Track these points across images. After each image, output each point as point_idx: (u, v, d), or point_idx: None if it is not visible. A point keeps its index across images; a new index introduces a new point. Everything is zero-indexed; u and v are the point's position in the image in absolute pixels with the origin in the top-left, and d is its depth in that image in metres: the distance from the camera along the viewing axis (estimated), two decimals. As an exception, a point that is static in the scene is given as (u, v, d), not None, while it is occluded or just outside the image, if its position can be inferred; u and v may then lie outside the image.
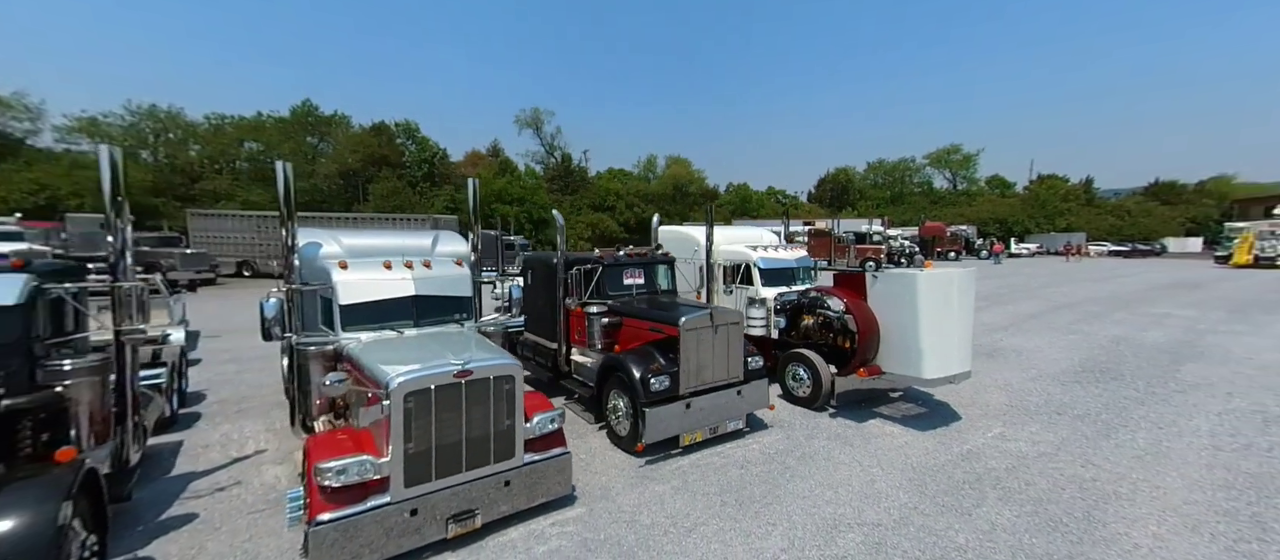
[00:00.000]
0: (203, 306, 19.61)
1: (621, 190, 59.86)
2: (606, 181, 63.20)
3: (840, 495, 5.75)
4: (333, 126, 51.53)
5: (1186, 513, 5.52)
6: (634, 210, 57.14)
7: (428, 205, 46.48)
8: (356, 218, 30.89)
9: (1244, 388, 9.85)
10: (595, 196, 58.02)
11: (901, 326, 7.37)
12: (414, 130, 53.65)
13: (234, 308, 20.17)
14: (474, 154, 61.99)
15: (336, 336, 5.95)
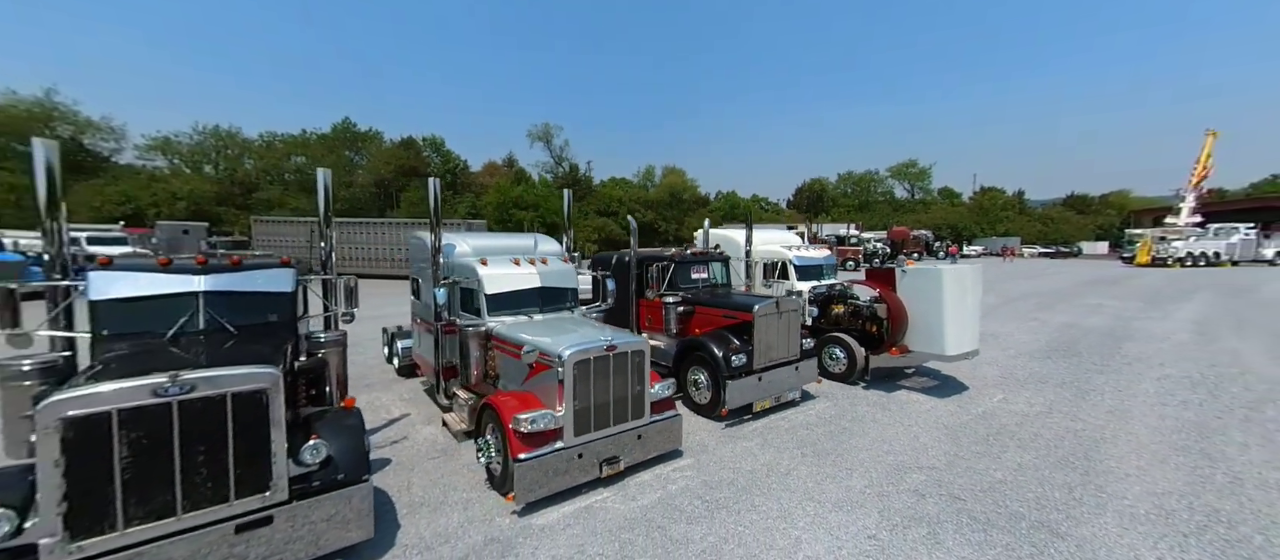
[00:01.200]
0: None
1: (624, 197, 60.12)
2: (610, 189, 63.40)
3: (895, 447, 6.34)
4: (367, 141, 51.18)
5: (1154, 451, 6.26)
6: (636, 215, 57.44)
7: (451, 211, 46.41)
8: (391, 223, 30.83)
9: (1171, 360, 10.74)
10: (601, 203, 58.23)
11: (927, 313, 7.97)
12: (439, 144, 53.51)
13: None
14: (491, 165, 61.81)
15: (485, 320, 6.39)
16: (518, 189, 49.38)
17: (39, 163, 4.34)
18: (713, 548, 4.26)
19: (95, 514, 3.05)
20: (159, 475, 3.21)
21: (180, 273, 4.65)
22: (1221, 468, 5.83)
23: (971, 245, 62.34)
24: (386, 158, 47.38)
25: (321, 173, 6.09)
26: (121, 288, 4.34)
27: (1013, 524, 4.68)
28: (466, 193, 51.56)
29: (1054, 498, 5.18)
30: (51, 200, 4.41)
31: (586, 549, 4.23)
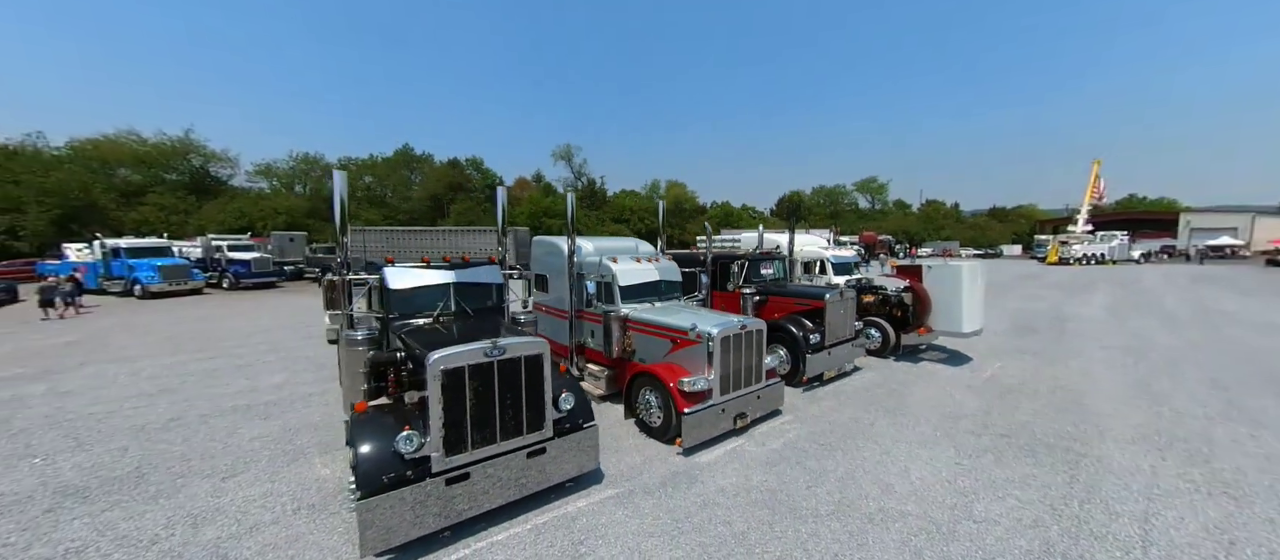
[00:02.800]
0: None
1: (634, 206, 60.40)
2: (622, 199, 63.65)
3: (939, 401, 6.92)
4: (422, 162, 51.20)
5: (1120, 398, 6.97)
6: (644, 222, 57.73)
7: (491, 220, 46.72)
8: (444, 231, 31.24)
9: (1103, 335, 11.50)
10: (614, 211, 58.51)
11: (948, 299, 8.58)
12: (479, 163, 53.54)
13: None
14: (521, 180, 61.86)
15: (618, 307, 6.87)
16: (547, 200, 49.60)
17: (337, 189, 4.76)
18: (849, 474, 4.81)
19: (457, 438, 3.56)
20: (487, 413, 3.73)
21: (438, 269, 5.10)
22: (1165, 407, 6.61)
23: (922, 248, 63.43)
24: (438, 176, 47.52)
25: (500, 191, 6.49)
26: (407, 280, 4.79)
27: (1048, 450, 5.28)
28: (503, 205, 51.58)
29: (1068, 431, 5.81)
30: (343, 220, 4.79)
31: (751, 478, 4.75)
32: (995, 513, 4.13)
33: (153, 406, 6.79)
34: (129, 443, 5.58)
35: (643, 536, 3.77)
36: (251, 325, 13.31)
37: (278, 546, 3.65)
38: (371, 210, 40.57)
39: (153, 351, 10.14)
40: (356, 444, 3.37)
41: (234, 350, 10.26)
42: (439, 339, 4.33)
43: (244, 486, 4.55)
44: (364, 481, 3.23)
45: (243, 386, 7.75)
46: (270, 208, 34.73)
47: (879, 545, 3.68)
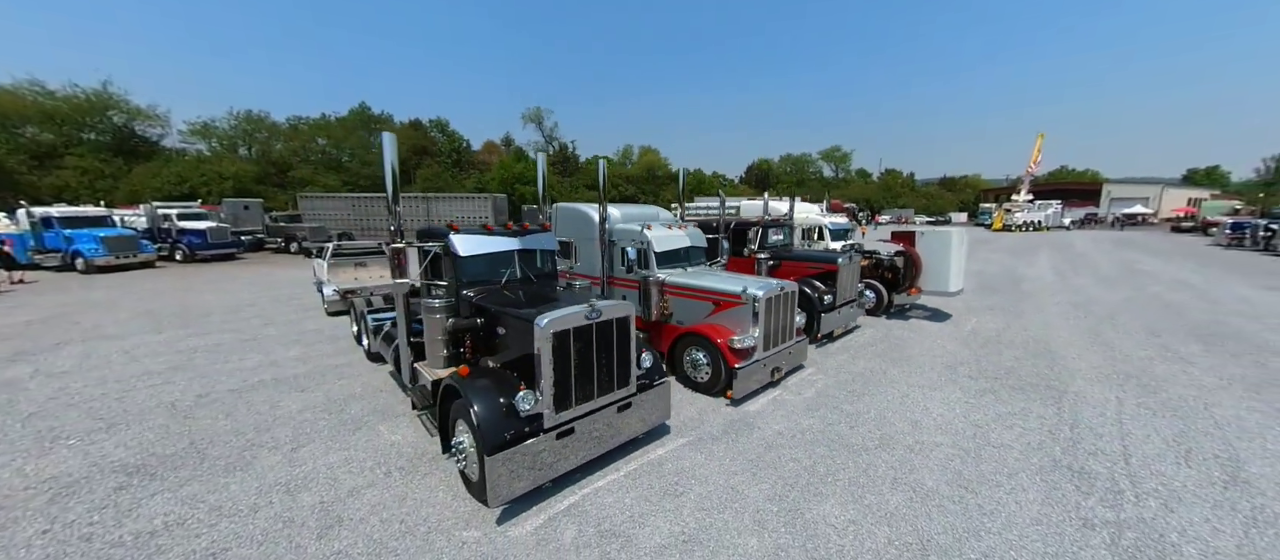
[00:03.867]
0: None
1: (610, 174, 59.39)
2: (594, 165, 62.39)
3: (933, 353, 7.75)
4: (381, 124, 47.34)
5: (1079, 345, 8.05)
6: (619, 189, 57.03)
7: (460, 186, 44.59)
8: (416, 197, 29.38)
9: (1053, 292, 13.02)
10: (587, 178, 57.29)
11: (938, 261, 9.40)
12: (444, 125, 50.31)
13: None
14: (489, 144, 58.99)
15: (654, 272, 7.10)
16: (520, 166, 47.80)
17: (388, 154, 4.58)
18: (880, 414, 5.44)
19: (563, 395, 3.77)
20: (587, 371, 3.94)
21: (502, 236, 5.09)
22: (1116, 351, 7.74)
23: (882, 215, 66.72)
24: (400, 138, 44.28)
25: (541, 157, 6.39)
26: (474, 246, 4.77)
27: (1034, 388, 6.16)
28: (471, 170, 49.36)
29: (1046, 373, 6.75)
30: (395, 188, 4.64)
31: (799, 423, 5.28)
32: (1007, 439, 4.86)
33: (171, 384, 6.46)
34: (167, 421, 5.36)
35: (728, 474, 4.20)
36: (232, 299, 12.47)
37: (387, 505, 3.79)
38: (330, 175, 37.51)
39: (133, 329, 9.41)
40: (475, 405, 3.51)
41: (228, 326, 9.70)
42: (515, 304, 4.43)
43: (317, 456, 4.57)
44: (490, 439, 3.40)
45: (260, 360, 7.45)
46: (214, 172, 31.18)
47: (925, 468, 4.30)
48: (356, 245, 12.45)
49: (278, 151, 37.77)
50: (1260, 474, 4.19)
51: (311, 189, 32.84)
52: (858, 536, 3.41)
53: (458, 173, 47.57)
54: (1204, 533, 3.45)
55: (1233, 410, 5.47)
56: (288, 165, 36.84)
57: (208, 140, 36.81)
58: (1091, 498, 3.87)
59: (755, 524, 3.55)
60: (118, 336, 8.85)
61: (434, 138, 48.92)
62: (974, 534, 3.44)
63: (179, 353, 7.89)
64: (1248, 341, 8.18)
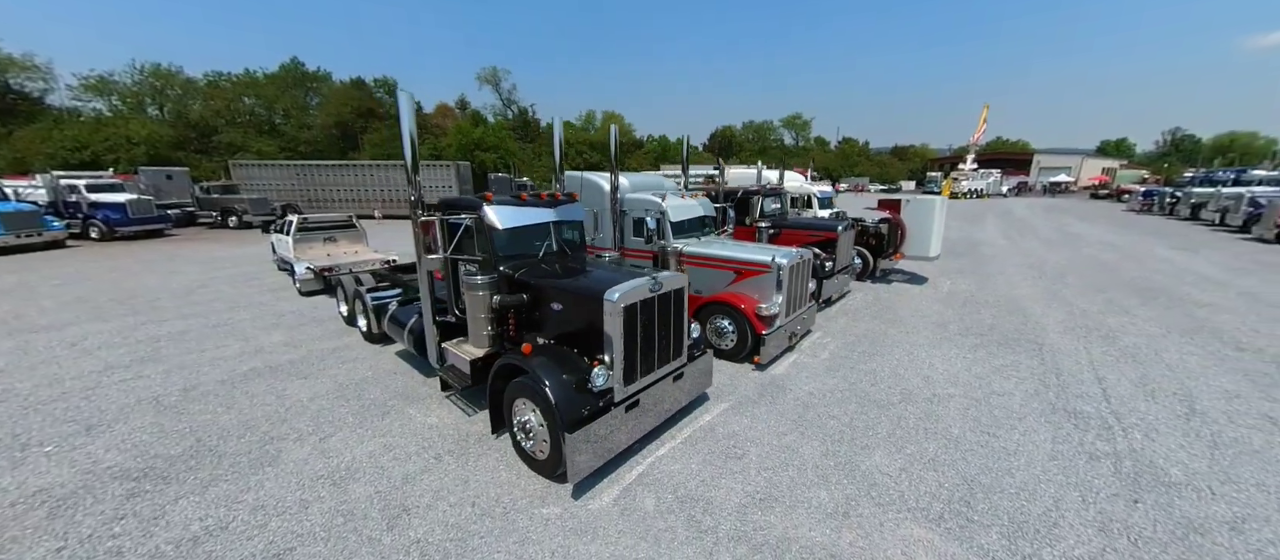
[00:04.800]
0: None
1: (571, 139, 57.31)
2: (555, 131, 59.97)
3: (921, 313, 8.36)
4: (319, 82, 42.45)
5: (1043, 302, 8.89)
6: (583, 156, 55.38)
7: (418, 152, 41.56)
8: (373, 166, 26.90)
9: (1008, 255, 14.28)
10: (550, 144, 55.18)
11: (921, 228, 9.98)
12: (392, 86, 45.98)
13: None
14: (443, 107, 54.90)
15: (670, 242, 7.07)
16: (479, 132, 45.04)
17: (405, 116, 4.20)
18: (893, 370, 5.87)
19: (631, 367, 3.77)
20: (650, 343, 3.94)
21: (536, 206, 4.84)
22: (1073, 307, 8.66)
23: (841, 183, 69.36)
24: (342, 99, 39.93)
25: (557, 122, 6.04)
26: (512, 218, 4.51)
27: (1016, 342, 6.83)
28: (425, 135, 45.95)
29: (1022, 328, 7.50)
30: (414, 156, 4.29)
31: (825, 383, 5.59)
32: (1007, 387, 5.41)
33: (144, 378, 5.80)
34: (157, 418, 4.84)
35: (778, 434, 4.42)
36: (179, 282, 11.18)
37: (450, 489, 3.68)
38: (263, 140, 33.49)
39: (69, 318, 8.25)
40: (549, 383, 3.43)
41: (186, 311, 8.73)
42: (555, 277, 4.29)
43: (352, 445, 4.33)
44: (569, 416, 3.36)
45: (242, 348, 6.82)
46: (120, 136, 26.74)
47: (948, 417, 4.72)
48: (324, 218, 11.42)
49: (197, 112, 32.99)
50: (1211, 406, 4.95)
51: (244, 156, 29.31)
52: (912, 482, 3.74)
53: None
54: (1181, 457, 4.07)
55: (1177, 355, 6.36)
56: (211, 128, 32.30)
57: (106, 98, 31.26)
58: (1089, 434, 4.43)
59: (819, 478, 3.79)
60: (53, 327, 7.75)
61: (381, 99, 44.73)
62: (1006, 472, 3.86)
63: (139, 343, 7.05)
64: (1173, 295, 9.43)
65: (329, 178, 25.74)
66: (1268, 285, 10.07)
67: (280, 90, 37.34)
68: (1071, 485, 3.69)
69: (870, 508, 3.45)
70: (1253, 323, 7.62)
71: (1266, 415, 4.74)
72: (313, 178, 25.52)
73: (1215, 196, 19.99)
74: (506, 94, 58.44)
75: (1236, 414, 4.77)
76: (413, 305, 6.09)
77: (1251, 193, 18.04)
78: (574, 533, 3.20)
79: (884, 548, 3.07)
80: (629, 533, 3.21)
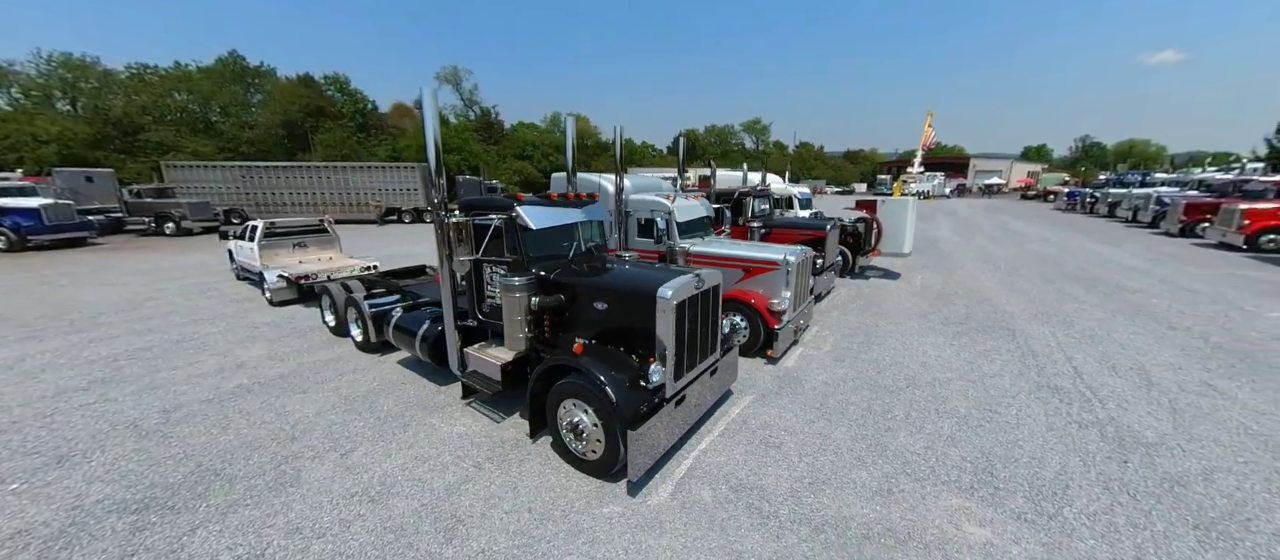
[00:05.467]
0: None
1: (537, 141, 56.47)
2: (523, 133, 58.77)
3: (903, 306, 8.96)
4: (261, 78, 39.18)
5: (1003, 293, 9.70)
6: (549, 159, 54.71)
7: (371, 153, 39.42)
8: (326, 167, 25.08)
9: (964, 250, 15.50)
10: (515, 147, 54.06)
11: (896, 227, 10.69)
12: (344, 83, 43.33)
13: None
14: (400, 106, 52.37)
15: (676, 242, 7.20)
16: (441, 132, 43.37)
17: (429, 113, 4.11)
18: (895, 360, 6.27)
19: (680, 363, 3.84)
20: (695, 339, 4.03)
21: (566, 207, 4.80)
22: (1031, 296, 9.54)
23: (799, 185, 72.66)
24: (289, 96, 37.00)
25: (569, 121, 6.01)
26: (545, 219, 4.45)
27: (992, 329, 7.49)
28: (382, 136, 43.76)
29: (993, 317, 8.21)
30: (438, 157, 4.22)
31: (835, 373, 5.90)
32: (995, 370, 5.94)
33: (111, 401, 5.22)
34: (141, 444, 4.38)
35: (807, 422, 4.63)
36: (121, 295, 10.06)
37: (500, 497, 3.60)
38: (198, 139, 30.46)
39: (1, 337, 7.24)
40: (608, 383, 3.44)
41: (139, 326, 7.90)
42: (590, 276, 4.30)
43: (378, 460, 4.12)
44: (628, 414, 3.38)
45: (219, 363, 6.27)
46: (24, 134, 23.47)
47: (952, 398, 5.13)
48: (293, 223, 10.66)
49: (118, 108, 29.30)
50: (1163, 377, 5.66)
51: (178, 156, 26.54)
52: (938, 457, 4.04)
53: (365, 138, 41.77)
54: (1151, 421, 4.65)
55: (1125, 335, 7.21)
56: (137, 126, 28.82)
57: (4, 90, 27.19)
58: (1074, 406, 4.96)
59: (855, 460, 4.01)
60: (-22, 350, 6.77)
61: (332, 97, 42.04)
62: (1014, 444, 4.26)
63: (91, 362, 6.32)
64: (1110, 283, 10.64)
65: (279, 180, 23.96)
66: (1180, 274, 11.57)
67: (217, 85, 33.93)
68: (1071, 452, 4.13)
69: (908, 483, 3.71)
70: (1177, 306, 8.75)
71: (1206, 383, 5.48)
72: (260, 180, 23.66)
73: (1127, 197, 22.70)
74: (468, 94, 56.75)
75: (1184, 383, 5.49)
76: (420, 312, 5.85)
77: (1157, 193, 20.63)
78: (641, 528, 3.23)
79: (931, 518, 3.32)
80: (695, 524, 3.27)
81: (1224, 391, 5.26)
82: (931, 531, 3.20)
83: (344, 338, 7.20)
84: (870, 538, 3.15)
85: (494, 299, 4.64)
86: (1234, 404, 4.96)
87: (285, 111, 35.26)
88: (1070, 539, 3.14)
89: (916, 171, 51.11)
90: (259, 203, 23.66)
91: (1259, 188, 15.55)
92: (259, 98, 37.43)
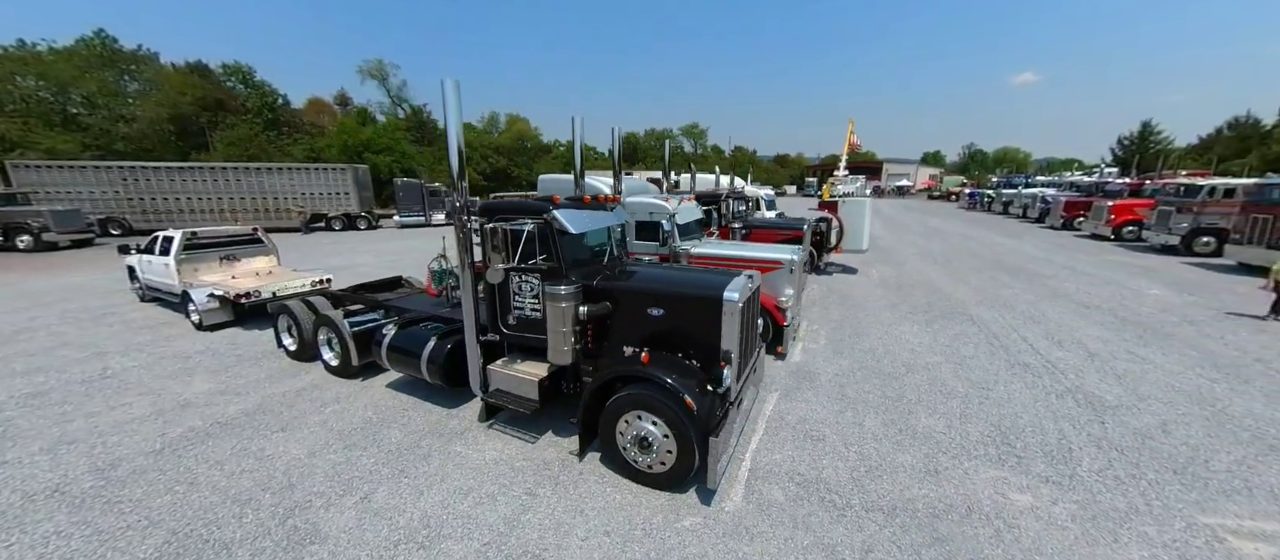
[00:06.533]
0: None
1: (475, 142, 53.74)
2: (457, 136, 55.61)
3: (871, 298, 9.73)
4: (140, 65, 32.97)
5: (951, 283, 10.97)
6: (488, 160, 52.36)
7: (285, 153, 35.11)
8: (234, 167, 21.60)
9: (903, 247, 17.22)
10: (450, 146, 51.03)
11: (855, 225, 11.59)
12: (247, 74, 37.97)
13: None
14: (317, 102, 47.15)
15: (677, 244, 7.21)
16: (368, 132, 39.70)
17: (451, 106, 3.77)
18: (885, 348, 6.78)
19: (736, 363, 3.80)
20: (742, 336, 4.03)
21: (598, 210, 4.58)
22: (973, 285, 10.80)
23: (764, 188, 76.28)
24: (178, 86, 31.43)
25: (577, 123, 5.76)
26: (583, 223, 4.20)
27: (954, 316, 8.36)
28: (297, 134, 39.13)
29: (950, 304, 9.18)
30: (461, 161, 3.91)
31: (838, 365, 6.24)
32: (969, 351, 6.64)
33: (12, 464, 4.13)
34: (80, 515, 3.52)
35: (836, 413, 4.84)
36: (-24, 328, 7.99)
37: (568, 524, 3.34)
38: (56, 135, 24.87)
39: None
40: (685, 391, 3.34)
41: (18, 365, 6.37)
42: (616, 279, 4.18)
43: (409, 500, 3.64)
44: (709, 420, 3.31)
45: (153, 405, 5.22)
46: None
47: (949, 380, 5.64)
48: (217, 233, 9.18)
49: None
50: (1100, 349, 6.67)
51: (29, 154, 21.53)
52: (960, 432, 4.42)
53: (277, 136, 37.03)
54: (1105, 387, 5.45)
55: (1057, 315, 8.40)
56: None
57: None
58: (1044, 379, 5.68)
59: (894, 445, 4.27)
60: None
61: (234, 90, 36.65)
62: (1014, 415, 4.78)
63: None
64: (1027, 271, 12.35)
65: (173, 183, 20.48)
66: (1074, 260, 13.75)
67: (79, 70, 27.79)
68: (1060, 418, 4.73)
69: (947, 461, 4.01)
70: (1082, 288, 10.38)
71: (1130, 351, 6.55)
72: (148, 183, 20.06)
73: (1018, 196, 26.61)
74: (396, 91, 52.49)
75: (1114, 352, 6.52)
76: (417, 329, 5.27)
77: (1042, 193, 24.42)
78: (731, 537, 3.17)
79: (980, 491, 3.62)
80: (780, 524, 3.28)
81: (1145, 357, 6.32)
82: (985, 503, 3.49)
83: (308, 362, 6.32)
84: (938, 515, 3.36)
85: (522, 310, 4.32)
86: (1156, 367, 5.98)
87: (175, 104, 30.01)
88: (1094, 495, 3.58)
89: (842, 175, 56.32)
90: (148, 210, 20.02)
91: (1116, 188, 18.97)
92: (137, 87, 31.49)
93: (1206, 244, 13.04)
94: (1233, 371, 5.80)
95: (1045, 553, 3.04)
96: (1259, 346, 6.62)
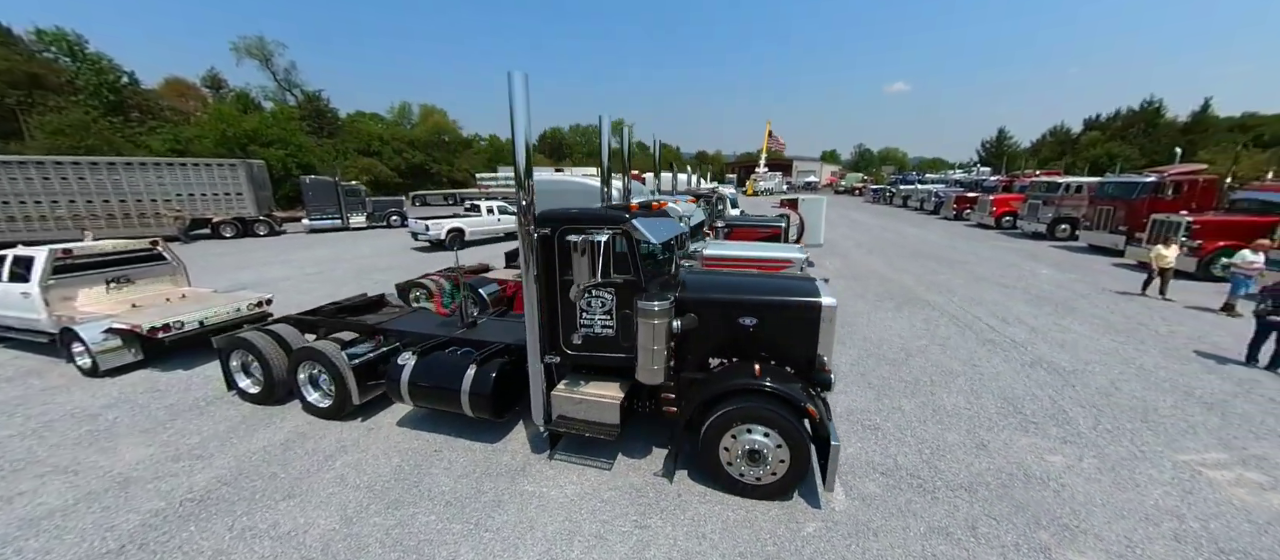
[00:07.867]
0: None
1: (385, 135, 48.50)
2: (367, 125, 49.61)
3: (838, 289, 10.64)
4: None
5: (894, 272, 12.40)
6: (402, 156, 47.70)
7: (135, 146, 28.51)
8: (41, 161, 16.58)
9: (839, 238, 19.10)
10: (360, 141, 45.47)
11: (813, 220, 12.57)
12: (77, 46, 29.81)
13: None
14: (176, 83, 38.77)
15: (696, 246, 7.20)
16: (254, 121, 33.72)
17: (520, 98, 3.39)
18: (878, 337, 7.45)
19: (827, 370, 3.91)
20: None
21: (665, 217, 4.37)
22: (913, 273, 12.35)
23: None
24: None
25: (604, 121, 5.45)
26: (660, 232, 3.97)
27: (915, 303, 9.46)
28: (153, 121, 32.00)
29: (903, 291, 10.37)
30: (529, 158, 3.53)
31: (846, 353, 6.74)
32: (946, 333, 7.57)
33: None
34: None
35: (876, 401, 5.22)
36: None
37: (694, 550, 3.19)
38: None
39: None
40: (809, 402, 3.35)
41: None
42: (723, 291, 4.10)
43: (502, 553, 3.21)
44: (829, 426, 3.35)
45: (79, 488, 3.99)
46: None
47: (945, 361, 6.38)
48: (99, 249, 7.20)
49: None
50: (1037, 323, 7.98)
51: None
52: (979, 407, 5.03)
53: (123, 123, 29.82)
54: (1057, 355, 6.55)
55: (990, 295, 9.90)
56: None
57: None
58: (1012, 353, 6.67)
59: (938, 426, 4.72)
60: None
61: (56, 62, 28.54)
62: (1009, 386, 5.56)
63: None
64: (947, 258, 14.36)
65: (50, 183, 15.55)
66: (976, 247, 16.29)
67: None
68: (1042, 386, 5.59)
69: (986, 435, 4.54)
70: (995, 271, 12.36)
71: (1056, 323, 7.96)
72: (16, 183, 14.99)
73: (915, 191, 30.88)
74: (283, 75, 45.28)
75: (1046, 325, 7.86)
76: (443, 356, 4.62)
77: (934, 189, 28.58)
78: (855, 536, 3.26)
79: (1024, 458, 4.15)
80: (892, 516, 3.45)
81: (1069, 328, 7.71)
82: (1034, 468, 4.01)
83: (275, 405, 5.25)
84: (1007, 485, 3.79)
85: (591, 328, 4.00)
86: (1081, 337, 7.34)
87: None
88: (1102, 449, 4.30)
89: (762, 171, 60.52)
90: (32, 215, 14.95)
91: (992, 184, 22.84)
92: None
93: (1064, 230, 16.31)
94: (1130, 335, 7.33)
95: (1097, 503, 3.59)
96: (1140, 315, 8.44)
